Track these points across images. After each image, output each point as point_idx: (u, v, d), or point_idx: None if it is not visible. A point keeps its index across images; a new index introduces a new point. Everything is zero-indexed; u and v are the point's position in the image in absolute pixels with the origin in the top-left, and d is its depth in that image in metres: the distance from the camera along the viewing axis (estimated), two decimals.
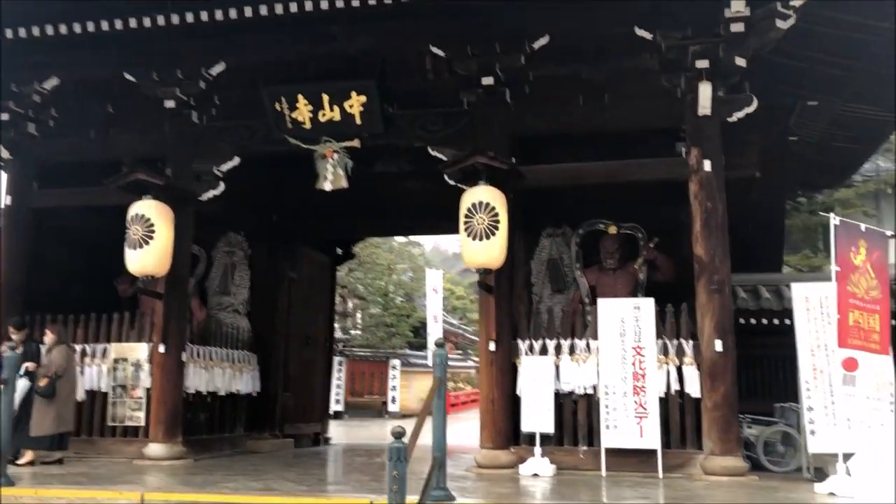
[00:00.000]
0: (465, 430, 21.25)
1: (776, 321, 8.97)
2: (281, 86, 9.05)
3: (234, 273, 11.38)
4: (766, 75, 8.75)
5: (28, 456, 8.20)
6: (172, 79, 9.28)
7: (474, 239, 7.88)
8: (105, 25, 8.56)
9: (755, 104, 8.27)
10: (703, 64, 8.09)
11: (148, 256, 8.57)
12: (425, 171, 11.44)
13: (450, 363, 32.68)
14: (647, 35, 8.22)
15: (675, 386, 7.97)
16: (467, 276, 51.68)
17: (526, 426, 8.14)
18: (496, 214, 7.90)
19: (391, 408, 27.72)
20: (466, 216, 7.95)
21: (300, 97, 9.00)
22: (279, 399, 11.56)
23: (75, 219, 10.67)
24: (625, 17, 8.27)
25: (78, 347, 9.35)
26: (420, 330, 34.65)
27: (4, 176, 10.26)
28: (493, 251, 7.91)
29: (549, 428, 8.03)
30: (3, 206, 9.94)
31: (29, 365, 8.18)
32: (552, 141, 9.12)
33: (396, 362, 28.51)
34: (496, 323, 8.33)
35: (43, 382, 8.15)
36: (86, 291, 10.62)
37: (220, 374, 10.12)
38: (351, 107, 8.94)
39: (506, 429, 8.21)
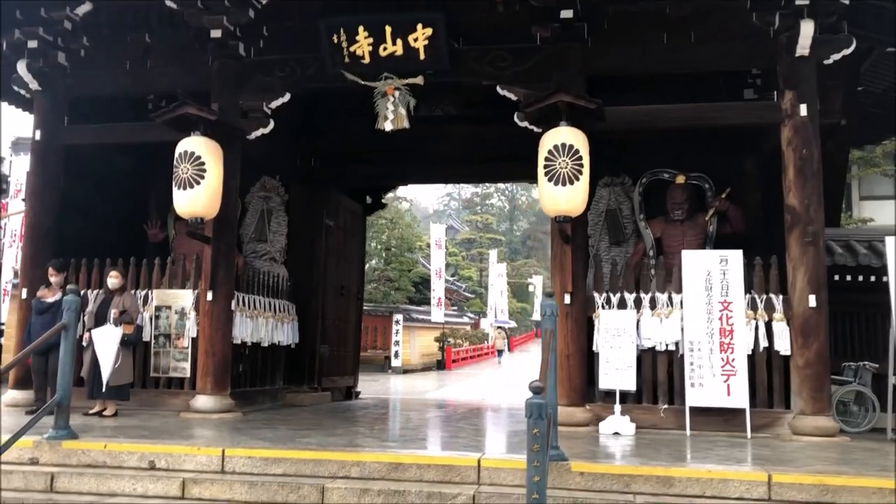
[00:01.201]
0: (473, 385, 21.12)
1: (860, 278, 8.55)
2: (340, 16, 8.40)
3: (270, 219, 10.78)
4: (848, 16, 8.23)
5: (99, 406, 7.88)
6: (219, 6, 8.54)
7: (556, 184, 7.36)
8: None
9: (853, 45, 7.77)
10: (802, 0, 7.55)
11: (199, 197, 7.97)
12: (473, 114, 10.99)
13: (448, 319, 32.56)
14: None
15: (763, 342, 7.58)
16: (451, 233, 51.34)
17: (604, 383, 7.75)
18: (580, 158, 7.38)
19: (394, 363, 27.46)
20: (547, 159, 7.41)
21: (361, 29, 8.35)
22: (317, 351, 11.09)
23: (100, 159, 10.03)
24: None
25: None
26: (419, 285, 34.32)
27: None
28: (575, 197, 7.41)
29: (631, 385, 7.64)
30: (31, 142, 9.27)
31: (114, 311, 7.96)
32: (626, 83, 8.59)
33: (399, 317, 28.15)
34: (572, 274, 7.86)
35: (129, 330, 7.71)
36: (113, 236, 10.02)
37: (264, 324, 9.62)
38: (415, 40, 8.32)
39: (581, 385, 7.81)
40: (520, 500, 5.10)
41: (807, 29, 7.49)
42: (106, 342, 7.75)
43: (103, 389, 7.74)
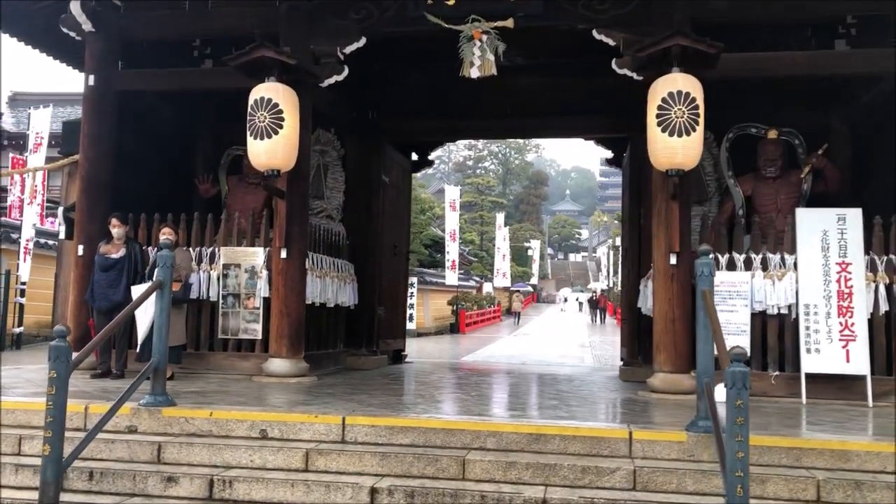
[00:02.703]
0: (505, 348, 20.75)
1: None
2: None
3: (326, 175, 10.21)
4: None
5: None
6: None
7: (672, 134, 6.84)
8: None
9: None
10: None
11: (277, 147, 7.40)
12: (543, 64, 10.39)
13: (459, 283, 32.08)
14: None
15: (883, 306, 7.16)
16: (439, 197, 50.55)
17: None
18: (696, 107, 6.86)
19: (408, 325, 27.01)
20: (661, 108, 6.88)
21: None
22: (376, 313, 10.62)
23: (147, 108, 9.41)
24: None
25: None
26: (429, 248, 33.85)
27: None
28: (693, 149, 6.92)
29: (744, 350, 7.18)
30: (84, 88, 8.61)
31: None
32: (730, 30, 8.04)
33: (413, 280, 27.63)
34: (680, 233, 7.38)
35: (176, 287, 7.04)
36: (163, 189, 9.43)
37: (331, 284, 9.12)
38: None
39: (686, 351, 7.35)
40: (684, 475, 4.68)
41: None
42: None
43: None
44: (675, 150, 6.88)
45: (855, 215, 7.26)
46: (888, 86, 8.03)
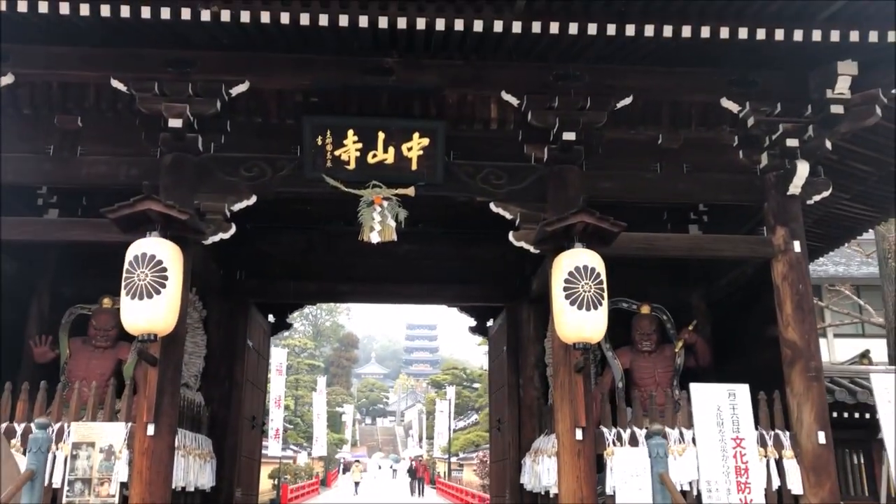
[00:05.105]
0: None
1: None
2: (328, 116, 7.66)
3: (185, 339, 9.28)
4: None
5: None
6: (183, 94, 7.51)
7: (580, 308, 6.86)
8: (105, 11, 6.76)
9: (830, 190, 8.18)
10: (793, 143, 7.88)
11: (158, 308, 6.61)
12: (420, 231, 10.38)
13: (273, 454, 30.07)
14: (735, 107, 7.93)
15: (776, 481, 7.33)
16: None
17: None
18: (601, 282, 7.00)
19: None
20: (568, 282, 6.94)
21: (350, 133, 7.66)
22: (233, 496, 9.46)
23: None
24: (713, 86, 7.94)
25: (19, 429, 6.98)
26: None
27: None
28: (599, 322, 6.95)
29: None
30: None
31: None
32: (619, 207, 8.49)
33: None
34: (585, 406, 7.27)
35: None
36: None
37: (193, 464, 8.03)
38: (409, 150, 7.74)
39: None
40: None
41: (802, 169, 7.78)
42: None
43: None
44: (583, 323, 6.89)
45: (743, 391, 7.53)
46: (747, 268, 8.73)
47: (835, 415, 8.24)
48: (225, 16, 6.72)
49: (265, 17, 6.72)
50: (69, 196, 8.87)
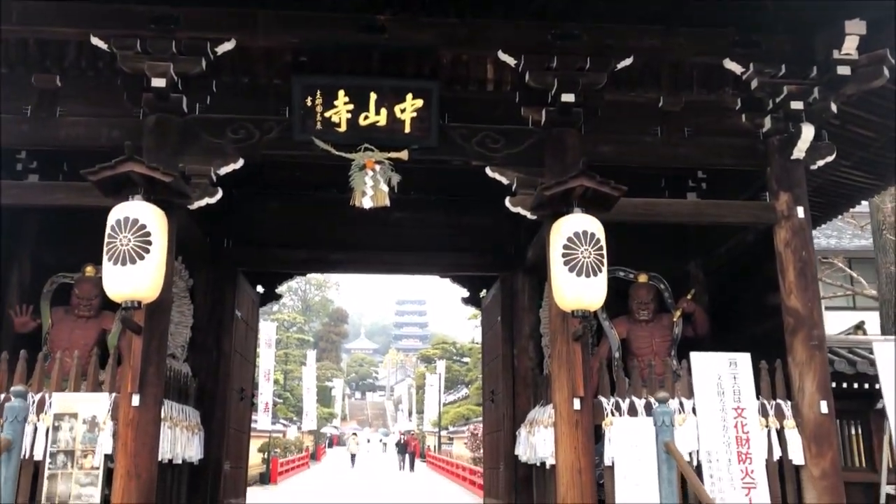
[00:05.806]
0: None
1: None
2: (319, 76, 7.36)
3: (171, 308, 9.03)
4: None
5: None
6: (166, 52, 7.19)
7: (579, 275, 6.65)
8: None
9: (834, 155, 7.97)
10: (798, 105, 7.64)
11: (141, 275, 6.35)
12: (416, 198, 10.13)
13: (262, 428, 30.05)
14: (738, 69, 7.67)
15: (777, 452, 7.18)
16: None
17: (622, 498, 6.91)
18: (601, 248, 6.78)
19: None
20: (567, 248, 6.71)
21: (341, 93, 7.37)
22: (222, 469, 9.26)
23: None
24: (716, 47, 7.67)
25: None
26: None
27: None
28: (599, 289, 6.74)
29: (655, 499, 6.86)
30: None
31: None
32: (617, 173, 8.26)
33: None
34: (583, 375, 7.08)
35: None
36: None
37: (181, 436, 7.82)
38: (402, 111, 7.45)
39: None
40: None
41: (808, 132, 7.54)
42: None
43: None
44: (582, 290, 6.67)
45: (744, 360, 7.36)
46: (747, 235, 8.54)
47: (833, 385, 8.07)
48: None
49: None
50: (50, 161, 8.57)
